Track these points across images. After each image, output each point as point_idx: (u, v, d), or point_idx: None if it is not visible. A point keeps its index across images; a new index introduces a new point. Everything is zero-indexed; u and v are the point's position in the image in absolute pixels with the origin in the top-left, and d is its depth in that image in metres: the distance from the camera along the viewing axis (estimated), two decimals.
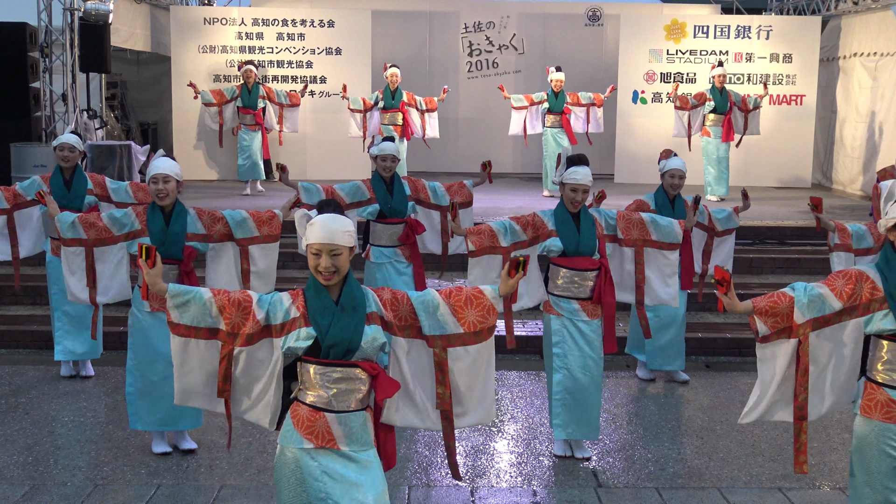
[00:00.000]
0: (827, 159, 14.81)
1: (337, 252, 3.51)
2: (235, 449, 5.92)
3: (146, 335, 5.71)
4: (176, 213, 5.64)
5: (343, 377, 3.56)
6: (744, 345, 8.23)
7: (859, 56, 13.74)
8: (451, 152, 15.57)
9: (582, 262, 5.69)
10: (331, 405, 3.57)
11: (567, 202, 5.66)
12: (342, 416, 3.57)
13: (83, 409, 6.70)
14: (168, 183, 5.55)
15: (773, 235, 10.52)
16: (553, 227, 5.69)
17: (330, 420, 3.56)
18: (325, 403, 3.57)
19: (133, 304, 5.75)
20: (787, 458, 5.92)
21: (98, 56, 11.51)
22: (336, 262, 3.51)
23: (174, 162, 5.64)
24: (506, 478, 5.61)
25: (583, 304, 5.70)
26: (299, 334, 3.54)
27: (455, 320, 3.76)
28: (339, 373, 3.56)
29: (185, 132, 14.10)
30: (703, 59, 14.09)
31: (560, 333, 5.73)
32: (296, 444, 3.57)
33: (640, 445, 6.15)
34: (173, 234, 5.61)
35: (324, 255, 3.50)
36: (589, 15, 15.46)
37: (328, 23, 14.10)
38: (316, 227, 3.52)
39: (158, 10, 14.68)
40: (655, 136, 13.66)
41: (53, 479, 5.48)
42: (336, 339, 3.52)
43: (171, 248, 5.60)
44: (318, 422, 3.56)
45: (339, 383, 3.56)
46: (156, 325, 5.64)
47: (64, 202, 6.97)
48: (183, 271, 5.65)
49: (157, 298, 5.58)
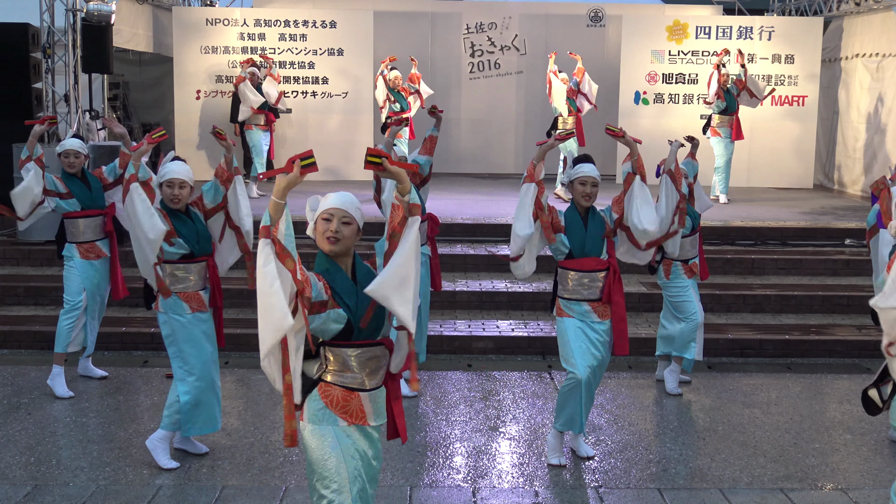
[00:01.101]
0: (829, 160, 14.80)
1: (347, 220, 3.61)
2: (237, 450, 5.93)
3: (193, 338, 5.69)
4: (194, 214, 5.75)
5: (372, 356, 3.70)
6: (745, 345, 8.23)
7: (861, 57, 13.73)
8: (452, 153, 15.58)
9: (589, 263, 5.69)
10: (363, 384, 3.71)
11: (578, 198, 5.68)
12: (373, 394, 3.73)
13: (85, 409, 6.71)
14: (184, 189, 5.62)
15: (774, 236, 10.52)
16: (563, 223, 5.72)
17: (363, 399, 3.71)
18: (359, 384, 3.70)
19: (169, 311, 5.65)
20: (789, 459, 5.92)
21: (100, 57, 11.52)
22: (343, 231, 3.60)
23: (188, 166, 5.71)
24: (508, 478, 5.61)
25: (593, 305, 5.71)
26: (329, 316, 3.57)
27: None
28: (369, 352, 3.68)
29: (186, 133, 14.11)
30: (704, 60, 14.09)
31: (576, 332, 5.70)
32: (331, 422, 3.68)
33: (641, 446, 6.15)
34: (204, 233, 5.76)
35: (335, 219, 3.60)
36: (591, 16, 15.45)
37: (330, 23, 14.10)
38: (332, 197, 3.65)
39: (161, 10, 14.69)
40: (658, 137, 13.64)
41: (55, 479, 5.48)
42: (365, 317, 3.63)
43: (205, 245, 5.75)
44: (353, 401, 3.70)
45: (371, 362, 3.70)
46: (198, 324, 5.71)
47: (89, 203, 7.01)
48: (210, 265, 5.78)
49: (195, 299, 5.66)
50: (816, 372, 7.88)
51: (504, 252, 5.94)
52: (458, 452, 5.99)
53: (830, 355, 8.25)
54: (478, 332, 8.30)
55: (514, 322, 8.58)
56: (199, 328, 5.71)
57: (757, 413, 6.81)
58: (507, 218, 10.62)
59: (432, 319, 8.55)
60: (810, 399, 7.21)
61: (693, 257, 7.10)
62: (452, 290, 8.99)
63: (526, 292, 8.98)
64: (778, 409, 6.91)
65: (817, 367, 8.04)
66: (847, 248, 10.23)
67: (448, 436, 6.26)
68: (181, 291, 5.66)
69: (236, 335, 7.87)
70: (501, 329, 8.39)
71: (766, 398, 7.15)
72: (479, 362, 7.99)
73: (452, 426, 6.44)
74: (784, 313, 8.95)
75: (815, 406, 7.02)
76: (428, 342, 8.08)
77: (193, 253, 5.69)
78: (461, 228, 10.35)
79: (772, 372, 7.82)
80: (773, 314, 8.96)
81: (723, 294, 9.06)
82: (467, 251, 9.82)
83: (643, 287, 9.05)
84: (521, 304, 8.91)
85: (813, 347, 8.26)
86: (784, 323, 8.73)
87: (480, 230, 10.43)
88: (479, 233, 10.40)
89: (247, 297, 8.53)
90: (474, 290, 9.02)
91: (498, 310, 8.87)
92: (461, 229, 10.34)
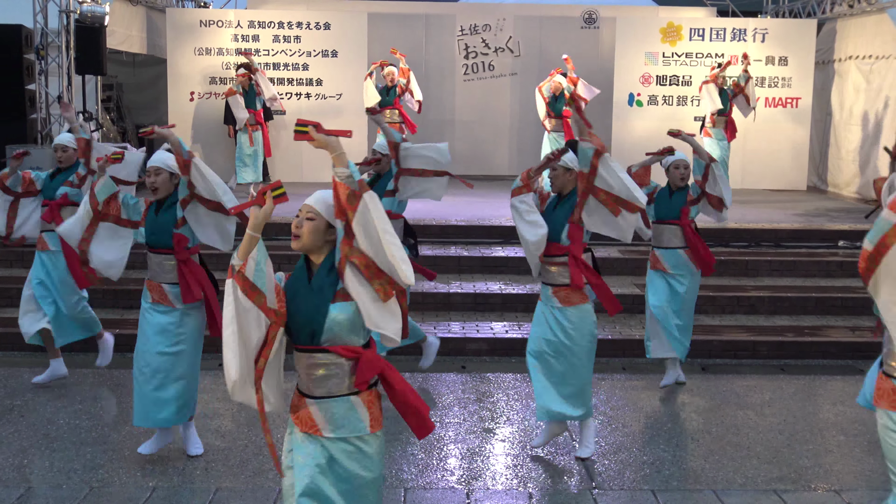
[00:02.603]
0: (822, 162, 14.83)
1: (311, 217, 3.43)
2: (231, 451, 5.92)
3: (141, 326, 5.72)
4: (168, 204, 5.68)
5: (316, 362, 3.45)
6: (739, 347, 8.24)
7: (854, 59, 13.77)
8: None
9: (549, 248, 5.76)
10: (310, 391, 3.49)
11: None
12: (322, 403, 3.47)
13: (78, 411, 6.69)
14: (160, 175, 5.61)
15: (768, 238, 10.54)
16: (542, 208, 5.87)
17: (310, 405, 3.49)
18: (306, 389, 3.51)
19: (142, 295, 5.79)
20: (783, 461, 5.93)
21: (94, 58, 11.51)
22: (306, 226, 3.41)
23: (169, 154, 5.68)
24: (501, 480, 5.61)
25: (555, 290, 5.79)
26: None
27: None
28: (311, 357, 3.46)
29: (180, 134, 13.92)
30: (698, 62, 14.12)
31: (538, 316, 5.88)
32: (290, 425, 3.58)
33: (635, 448, 6.15)
34: (160, 222, 5.67)
35: (301, 215, 3.45)
36: (585, 18, 15.47)
37: (324, 25, 14.10)
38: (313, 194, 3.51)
39: (154, 12, 14.67)
40: (651, 138, 13.65)
41: (49, 481, 5.47)
42: (298, 321, 3.44)
43: (160, 237, 5.67)
44: (301, 407, 3.52)
45: (313, 368, 3.46)
46: (153, 315, 5.68)
47: (77, 198, 7.01)
48: (179, 260, 5.66)
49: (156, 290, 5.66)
50: (810, 373, 7.90)
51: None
52: (452, 454, 5.99)
53: (824, 357, 8.26)
54: (472, 334, 8.30)
55: (508, 324, 8.58)
56: (154, 319, 5.66)
57: (750, 414, 6.82)
58: (501, 220, 10.63)
59: (426, 321, 8.55)
60: (804, 400, 7.22)
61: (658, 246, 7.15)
62: (447, 291, 8.98)
63: (520, 294, 8.98)
64: (771, 410, 6.92)
65: (811, 368, 8.05)
66: (841, 249, 10.25)
67: (442, 437, 6.26)
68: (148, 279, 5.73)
69: None
70: (495, 331, 8.39)
71: (759, 400, 7.16)
72: (473, 364, 7.99)
73: (446, 428, 6.44)
74: (778, 315, 8.96)
75: (809, 407, 7.04)
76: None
77: (147, 242, 5.72)
78: (455, 230, 10.35)
79: (765, 373, 7.84)
80: (766, 316, 8.97)
81: (716, 296, 9.07)
82: (461, 253, 9.82)
83: (637, 289, 9.05)
84: (515, 306, 8.91)
85: (807, 349, 8.27)
86: (778, 324, 8.74)
87: (474, 232, 10.44)
88: (473, 234, 10.40)
89: None
90: (468, 291, 9.03)
91: (492, 311, 8.87)
92: (455, 231, 10.34)
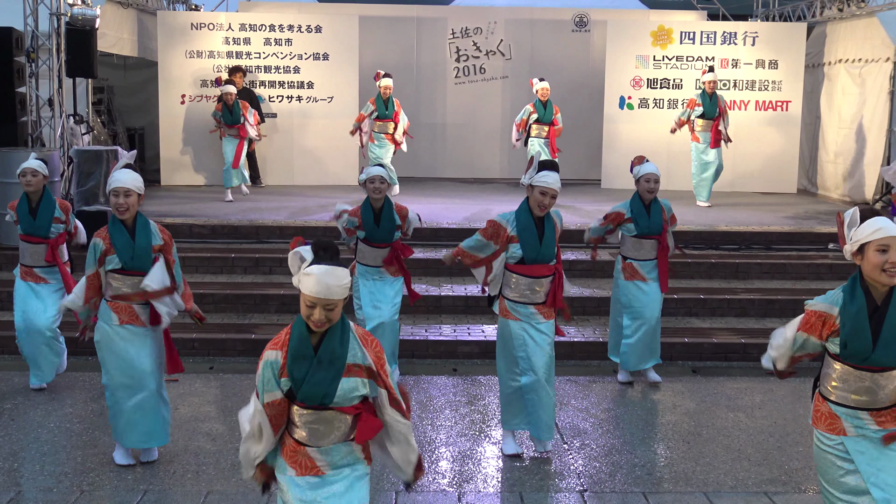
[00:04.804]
0: (812, 165, 14.89)
1: (331, 307, 3.44)
2: (222, 455, 5.91)
3: (115, 349, 5.60)
4: (140, 225, 5.58)
5: (318, 419, 3.56)
6: (730, 349, 8.26)
7: (844, 62, 13.83)
8: (438, 158, 15.60)
9: (540, 270, 5.78)
10: (310, 441, 3.60)
11: (534, 205, 5.74)
12: (323, 449, 3.60)
13: (69, 415, 6.67)
14: (129, 197, 5.48)
15: (758, 241, 10.57)
16: (514, 232, 5.79)
17: (311, 452, 3.60)
18: (305, 440, 3.60)
19: (101, 318, 5.64)
20: (773, 463, 5.95)
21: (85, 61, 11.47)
22: (330, 315, 3.46)
23: (136, 175, 5.54)
24: (493, 483, 5.62)
25: (539, 307, 5.82)
26: (281, 381, 3.53)
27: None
28: (314, 416, 3.56)
29: (171, 137, 14.07)
30: (689, 66, 14.16)
31: (521, 338, 5.83)
32: (282, 471, 3.63)
33: (626, 450, 6.17)
34: (140, 247, 5.55)
35: (318, 308, 3.42)
36: (576, 21, 15.51)
37: (315, 28, 14.10)
38: (312, 280, 3.38)
39: (145, 14, 14.64)
40: (642, 141, 13.71)
41: (39, 485, 5.46)
42: (308, 393, 3.51)
43: (141, 261, 5.56)
44: (300, 452, 3.60)
45: (315, 424, 3.57)
46: (129, 337, 5.59)
47: (30, 230, 6.98)
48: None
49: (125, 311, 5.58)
50: (800, 376, 7.87)
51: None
52: (443, 457, 5.99)
53: (814, 359, 8.26)
54: (463, 337, 8.31)
55: None
56: (130, 341, 5.58)
57: (741, 417, 6.84)
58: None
59: (418, 324, 8.55)
60: (794, 403, 7.24)
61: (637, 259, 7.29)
62: (438, 294, 8.99)
63: None
64: (762, 412, 6.95)
65: (801, 370, 8.03)
66: (830, 252, 10.29)
67: (433, 440, 6.26)
68: (112, 300, 5.57)
69: (220, 340, 7.83)
70: (487, 333, 8.39)
71: (750, 402, 7.19)
72: (465, 367, 8.00)
73: (438, 431, 6.45)
74: (768, 317, 8.99)
75: (799, 409, 7.06)
76: (413, 347, 8.10)
77: (124, 267, 5.54)
78: (447, 233, 10.35)
79: (756, 376, 7.85)
80: (757, 318, 9.00)
81: (707, 298, 9.10)
82: None
83: None
84: None
85: None
86: (768, 327, 8.75)
87: (466, 235, 10.31)
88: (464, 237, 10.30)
89: (231, 302, 8.51)
90: (459, 294, 9.03)
91: (483, 314, 8.87)
92: (447, 234, 10.34)
